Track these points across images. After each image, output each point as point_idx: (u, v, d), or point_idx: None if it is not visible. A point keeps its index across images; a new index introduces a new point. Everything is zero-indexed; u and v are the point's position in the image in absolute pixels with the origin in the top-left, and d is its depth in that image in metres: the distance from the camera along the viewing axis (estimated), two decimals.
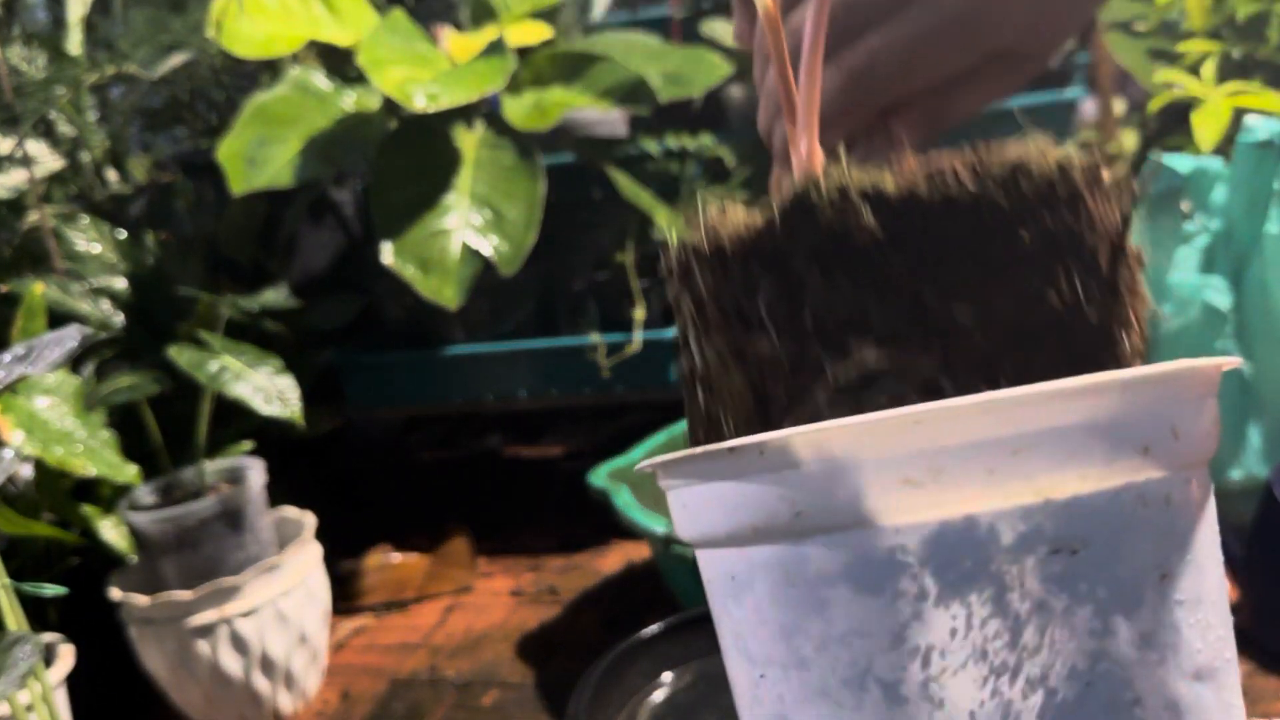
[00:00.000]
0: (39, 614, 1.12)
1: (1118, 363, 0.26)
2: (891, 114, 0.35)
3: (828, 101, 0.32)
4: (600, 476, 1.16)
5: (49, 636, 1.03)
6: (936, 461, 0.23)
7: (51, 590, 0.95)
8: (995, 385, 0.24)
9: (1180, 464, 0.24)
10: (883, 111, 0.35)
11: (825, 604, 0.24)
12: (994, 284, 0.24)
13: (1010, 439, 0.23)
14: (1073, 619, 0.23)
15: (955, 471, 0.23)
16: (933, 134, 0.35)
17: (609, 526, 1.28)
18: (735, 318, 0.26)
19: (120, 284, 1.33)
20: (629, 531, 1.10)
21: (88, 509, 1.14)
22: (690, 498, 0.28)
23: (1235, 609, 0.93)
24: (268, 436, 1.29)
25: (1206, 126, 1.19)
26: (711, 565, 0.29)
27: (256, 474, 1.15)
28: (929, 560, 0.23)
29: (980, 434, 0.23)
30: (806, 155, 0.29)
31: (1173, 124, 1.49)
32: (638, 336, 1.38)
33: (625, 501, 1.09)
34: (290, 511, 1.25)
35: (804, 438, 0.23)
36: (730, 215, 0.27)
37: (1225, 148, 1.19)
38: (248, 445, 1.25)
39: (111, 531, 1.13)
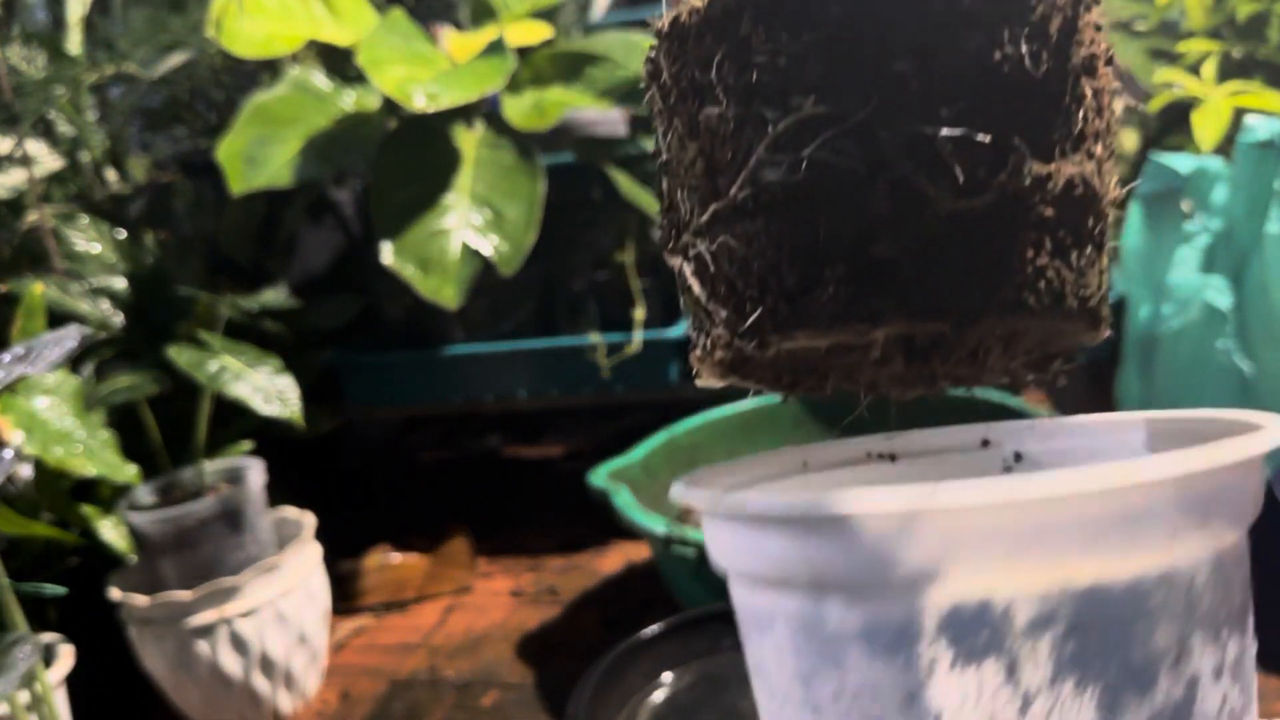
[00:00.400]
0: (39, 614, 1.12)
1: (1067, 143, 0.25)
2: None
3: None
4: (600, 476, 1.16)
5: (48, 636, 1.03)
6: (956, 543, 0.23)
7: (51, 590, 0.95)
8: (933, 130, 0.23)
9: (1212, 545, 0.24)
10: None
11: (841, 659, 0.24)
12: (934, 38, 0.24)
13: (1031, 528, 0.23)
14: (1082, 695, 0.23)
15: (975, 554, 0.23)
16: None
17: (609, 527, 1.28)
18: (692, 93, 0.26)
19: (120, 284, 1.33)
20: (629, 532, 1.11)
21: (87, 509, 1.14)
22: (717, 532, 0.29)
23: None
24: (267, 436, 1.29)
25: (1207, 126, 1.19)
26: (738, 593, 0.29)
27: (256, 474, 1.15)
28: (944, 631, 0.23)
29: (1004, 523, 0.23)
30: None
31: (1173, 124, 1.49)
32: (637, 336, 1.38)
33: (625, 502, 1.09)
34: (290, 511, 1.25)
35: (832, 508, 0.23)
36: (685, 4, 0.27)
37: (1226, 147, 1.19)
38: (247, 445, 1.25)
39: (111, 532, 1.13)
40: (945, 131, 0.24)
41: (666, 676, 0.88)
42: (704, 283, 0.27)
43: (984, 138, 0.24)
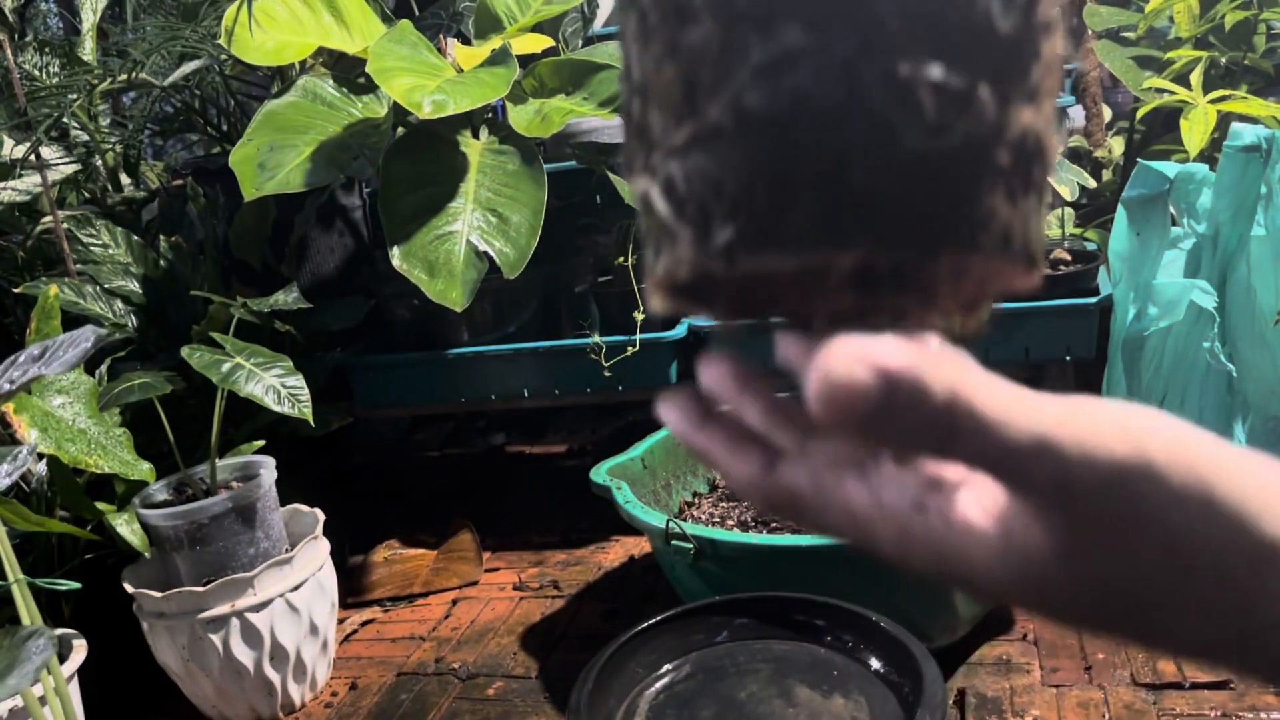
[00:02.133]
0: (53, 608, 1.14)
1: (1024, 95, 0.26)
2: None
3: None
4: (601, 473, 1.18)
5: (63, 631, 1.06)
6: None
7: (65, 585, 0.97)
8: (910, 71, 0.25)
9: None
10: None
11: None
12: None
13: None
14: None
15: None
16: None
17: (610, 522, 1.30)
18: (675, 14, 0.27)
19: (133, 286, 1.36)
20: (629, 527, 1.13)
21: (102, 506, 1.16)
22: None
23: None
24: (278, 435, 1.31)
25: (1193, 132, 1.21)
26: None
27: (267, 471, 1.17)
28: None
29: None
30: None
31: (1160, 130, 1.51)
32: (638, 338, 1.41)
33: (626, 498, 1.12)
34: (300, 508, 1.27)
35: None
36: None
37: (1212, 153, 1.21)
38: (259, 443, 1.27)
39: (125, 528, 1.15)
40: (919, 72, 0.25)
41: (666, 667, 0.90)
42: (672, 202, 0.27)
43: (955, 82, 0.25)
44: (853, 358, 0.24)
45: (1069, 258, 1.43)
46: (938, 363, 0.24)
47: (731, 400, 0.31)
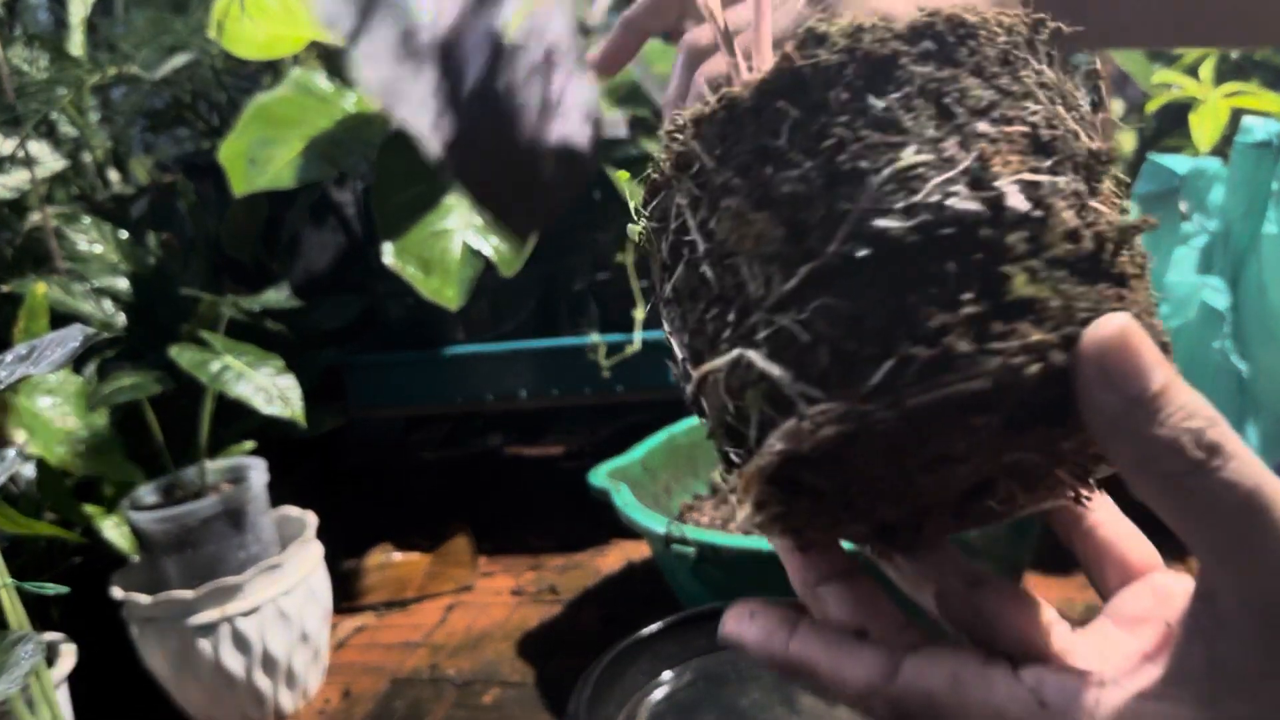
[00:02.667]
0: (41, 613, 1.12)
1: None
2: None
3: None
4: (600, 476, 1.16)
5: (51, 635, 1.04)
6: None
7: (53, 589, 0.95)
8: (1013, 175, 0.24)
9: None
10: None
11: None
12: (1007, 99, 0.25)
13: None
14: None
15: None
16: None
17: (609, 525, 1.28)
18: (757, 164, 0.25)
19: (122, 284, 1.34)
20: (629, 530, 1.11)
21: (90, 508, 1.14)
22: None
23: None
24: (270, 436, 1.29)
25: (1204, 127, 1.19)
26: None
27: (258, 473, 1.15)
28: None
29: None
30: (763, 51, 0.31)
31: (1171, 125, 1.49)
32: (638, 337, 1.38)
33: (625, 501, 1.10)
34: (292, 511, 1.25)
35: None
36: (720, 89, 0.27)
37: (1223, 148, 1.19)
38: (250, 445, 1.25)
39: (113, 531, 1.14)
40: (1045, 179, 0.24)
41: (666, 675, 0.89)
42: (787, 361, 0.24)
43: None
44: None
45: None
46: None
47: (820, 600, 0.28)
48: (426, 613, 1.38)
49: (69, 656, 1.01)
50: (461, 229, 1.24)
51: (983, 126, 0.24)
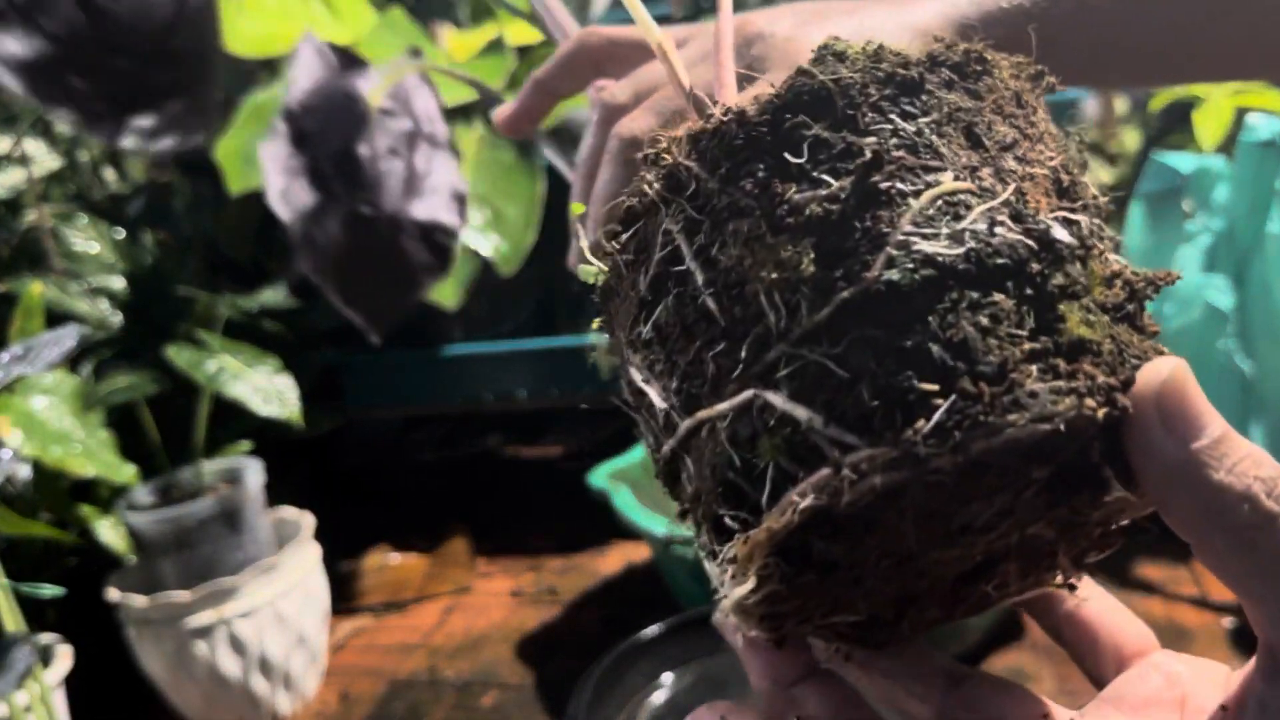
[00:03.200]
0: (37, 615, 1.12)
1: None
2: None
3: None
4: (600, 476, 1.15)
5: (47, 637, 1.03)
6: None
7: (49, 591, 0.94)
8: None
9: None
10: None
11: None
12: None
13: None
14: None
15: None
16: None
17: (609, 527, 1.27)
18: (774, 180, 0.23)
19: (118, 283, 1.33)
20: (629, 532, 1.10)
21: (86, 509, 1.14)
22: None
23: (1238, 610, 0.92)
24: (267, 436, 1.29)
25: (1208, 125, 1.18)
26: None
27: (255, 474, 1.14)
28: None
29: None
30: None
31: (1175, 122, 1.48)
32: None
33: (625, 502, 1.09)
34: (289, 512, 1.24)
35: None
36: (712, 104, 0.26)
37: (1227, 147, 1.19)
38: (246, 445, 1.24)
39: (110, 532, 1.13)
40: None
41: (666, 677, 0.88)
42: (817, 403, 0.21)
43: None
44: None
45: None
46: None
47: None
48: (425, 614, 1.37)
49: (66, 658, 1.01)
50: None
51: (1011, 162, 0.23)
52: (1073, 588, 0.29)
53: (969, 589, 0.26)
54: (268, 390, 1.11)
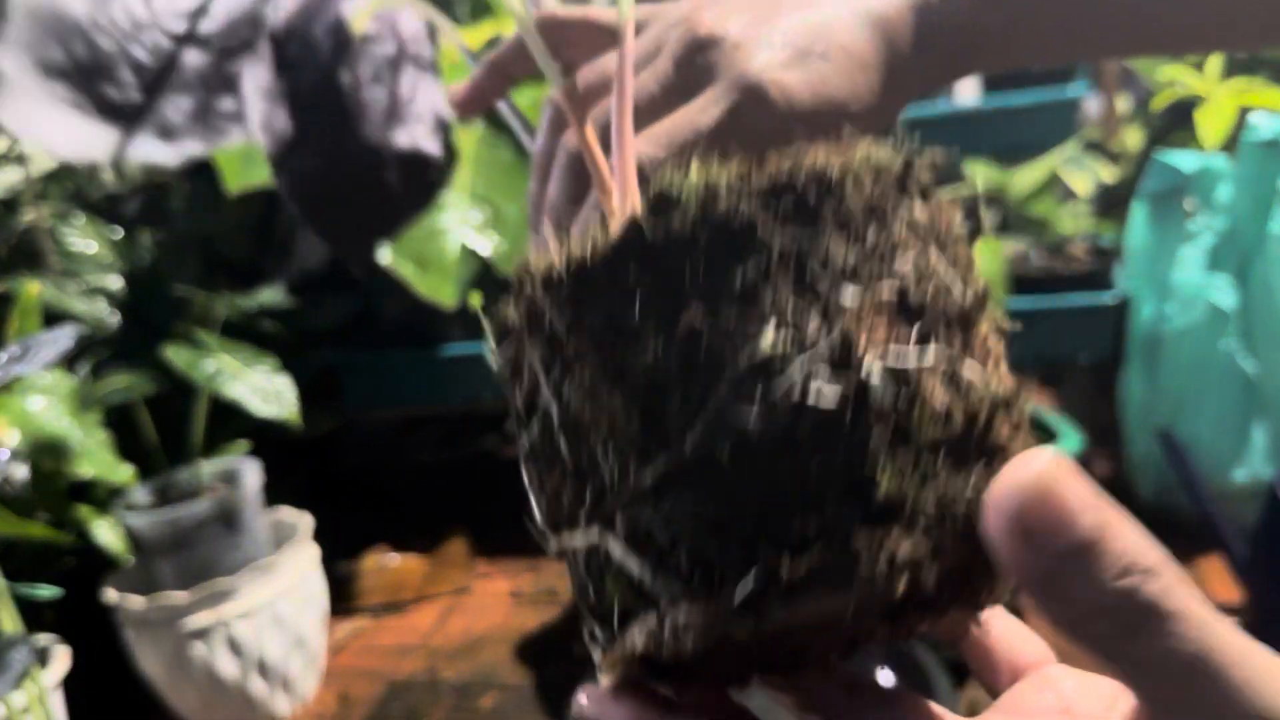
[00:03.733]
0: (35, 616, 1.11)
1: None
2: None
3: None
4: None
5: (44, 638, 1.03)
6: None
7: (47, 592, 0.94)
8: (857, 341, 0.22)
9: None
10: None
11: None
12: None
13: None
14: None
15: None
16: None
17: None
18: (608, 335, 0.23)
19: (116, 283, 1.32)
20: None
21: (83, 510, 1.13)
22: None
23: (1240, 611, 0.92)
24: (265, 437, 1.28)
25: (1211, 124, 1.18)
26: None
27: (253, 474, 1.14)
28: None
29: None
30: (626, 192, 0.29)
31: (1177, 122, 1.48)
32: None
33: None
34: (287, 512, 1.24)
35: None
36: (569, 246, 0.25)
37: (1230, 146, 1.18)
38: (244, 445, 1.24)
39: (107, 532, 1.13)
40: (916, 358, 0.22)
41: None
42: (646, 558, 0.22)
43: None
44: None
45: (1083, 254, 1.39)
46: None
47: None
48: (423, 616, 1.37)
49: (64, 659, 1.00)
50: (458, 228, 1.23)
51: (846, 295, 0.22)
52: (978, 624, 0.28)
53: (866, 639, 0.26)
54: (266, 390, 1.11)
